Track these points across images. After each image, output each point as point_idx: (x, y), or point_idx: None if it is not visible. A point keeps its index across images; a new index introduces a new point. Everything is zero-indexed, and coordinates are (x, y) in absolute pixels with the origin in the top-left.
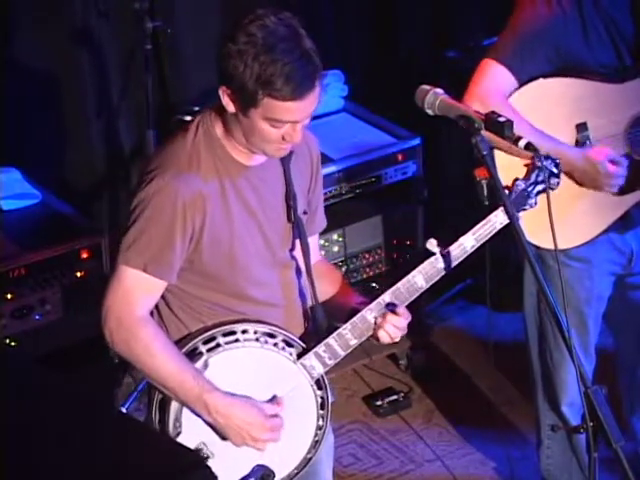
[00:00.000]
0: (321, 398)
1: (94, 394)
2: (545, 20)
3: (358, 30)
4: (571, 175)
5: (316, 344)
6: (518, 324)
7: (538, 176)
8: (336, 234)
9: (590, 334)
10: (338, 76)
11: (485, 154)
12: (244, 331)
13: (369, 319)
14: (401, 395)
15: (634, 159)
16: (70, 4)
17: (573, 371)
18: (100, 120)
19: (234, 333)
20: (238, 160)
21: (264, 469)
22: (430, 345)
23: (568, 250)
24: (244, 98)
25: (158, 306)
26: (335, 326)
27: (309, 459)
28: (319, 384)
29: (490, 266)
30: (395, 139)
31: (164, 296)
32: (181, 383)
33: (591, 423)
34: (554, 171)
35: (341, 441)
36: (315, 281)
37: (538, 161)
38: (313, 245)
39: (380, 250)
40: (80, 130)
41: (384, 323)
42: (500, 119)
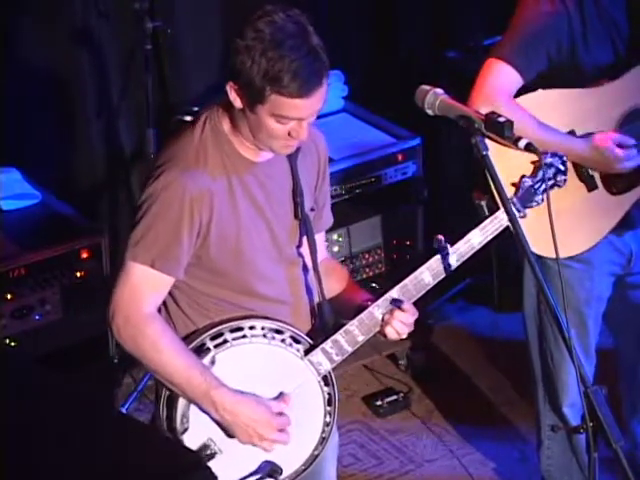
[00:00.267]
0: (328, 394)
1: (94, 394)
2: (549, 17)
3: (358, 30)
4: (585, 166)
5: (323, 340)
6: (518, 324)
7: (545, 173)
8: (336, 234)
9: (590, 335)
10: (338, 76)
11: (485, 154)
12: (251, 327)
13: (376, 315)
14: (401, 395)
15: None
16: (70, 4)
17: (574, 372)
18: (100, 120)
19: (241, 329)
20: (245, 156)
21: (271, 465)
22: (430, 345)
23: None
24: (251, 94)
25: (166, 302)
26: (342, 323)
27: (316, 456)
28: (326, 380)
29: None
30: (395, 139)
31: (172, 292)
32: (188, 379)
33: (591, 423)
34: (561, 168)
35: (341, 441)
36: (322, 278)
37: (545, 158)
38: (320, 242)
39: (380, 250)
40: (80, 130)
41: (391, 319)
42: (500, 119)
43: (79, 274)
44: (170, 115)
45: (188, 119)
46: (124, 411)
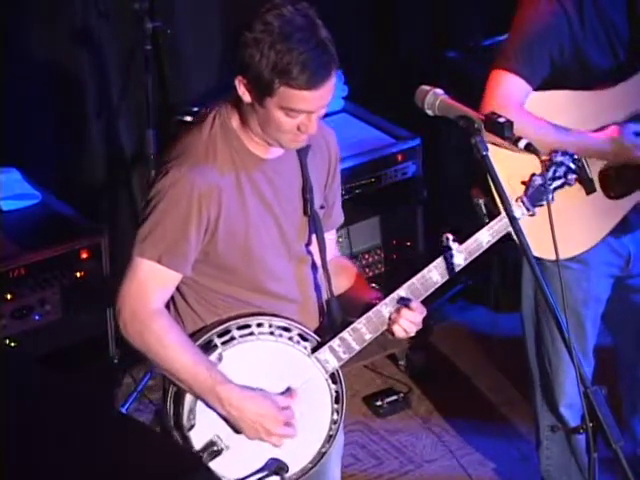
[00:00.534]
0: (336, 392)
1: (94, 394)
2: (549, 18)
3: (358, 30)
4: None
5: (331, 338)
6: (518, 324)
7: (555, 172)
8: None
9: (588, 336)
10: (338, 76)
11: (485, 154)
12: (259, 324)
13: (384, 314)
14: (401, 395)
15: None
16: (70, 4)
17: (571, 372)
18: (100, 120)
19: (249, 326)
20: (254, 153)
21: (278, 462)
22: (430, 345)
23: None
24: (260, 87)
25: (174, 299)
26: (350, 321)
27: (324, 453)
28: (334, 378)
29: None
30: (395, 139)
31: (180, 289)
32: (194, 375)
33: (591, 423)
34: (571, 167)
35: None
36: (332, 276)
37: (555, 157)
38: (331, 241)
39: (380, 250)
40: (80, 130)
41: (399, 318)
42: (500, 120)
43: (79, 274)
44: (170, 115)
45: (188, 119)
46: (124, 411)
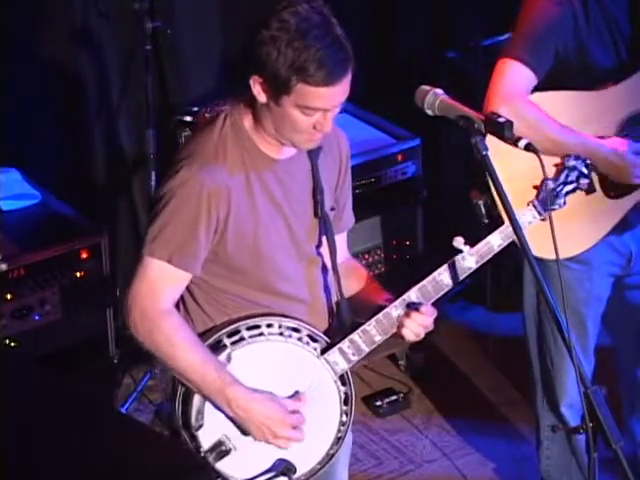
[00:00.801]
0: (345, 394)
1: (94, 394)
2: (556, 13)
3: (358, 30)
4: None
5: (340, 340)
6: (518, 324)
7: (568, 176)
8: None
9: (589, 335)
10: None
11: (485, 154)
12: (269, 325)
13: (394, 316)
14: (401, 395)
15: None
16: (70, 4)
17: (573, 372)
18: (100, 120)
19: (258, 327)
20: (266, 153)
21: (286, 463)
22: (430, 345)
23: None
24: (277, 85)
25: (184, 298)
26: (359, 322)
27: (332, 455)
28: (343, 380)
29: (491, 267)
30: (395, 139)
31: (190, 289)
32: (203, 376)
33: (591, 423)
34: (584, 171)
35: None
36: (342, 278)
37: (568, 161)
38: (341, 243)
39: (380, 251)
40: (80, 130)
41: (409, 322)
42: (500, 119)
43: (79, 274)
44: (170, 115)
45: (188, 119)
46: (124, 411)
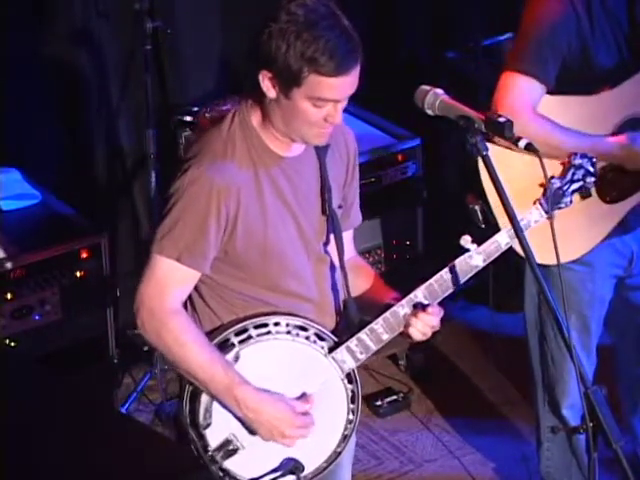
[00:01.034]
0: (352, 392)
1: (94, 394)
2: (558, 15)
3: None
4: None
5: (348, 338)
6: (519, 324)
7: (574, 175)
8: None
9: (592, 336)
10: None
11: (485, 154)
12: (276, 323)
13: (401, 314)
14: (401, 395)
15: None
16: (70, 4)
17: (574, 373)
18: (100, 120)
19: (266, 325)
20: (274, 150)
21: (293, 462)
22: (430, 345)
23: None
24: (287, 78)
25: (192, 297)
26: (367, 321)
27: (339, 453)
28: (350, 378)
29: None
30: (395, 139)
31: (197, 287)
32: (211, 376)
33: (591, 423)
34: (590, 170)
35: None
36: (349, 276)
37: (574, 159)
38: (348, 241)
39: (380, 250)
40: (80, 130)
41: (416, 320)
42: (500, 119)
43: (79, 274)
44: (170, 115)
45: (188, 119)
46: (124, 411)
